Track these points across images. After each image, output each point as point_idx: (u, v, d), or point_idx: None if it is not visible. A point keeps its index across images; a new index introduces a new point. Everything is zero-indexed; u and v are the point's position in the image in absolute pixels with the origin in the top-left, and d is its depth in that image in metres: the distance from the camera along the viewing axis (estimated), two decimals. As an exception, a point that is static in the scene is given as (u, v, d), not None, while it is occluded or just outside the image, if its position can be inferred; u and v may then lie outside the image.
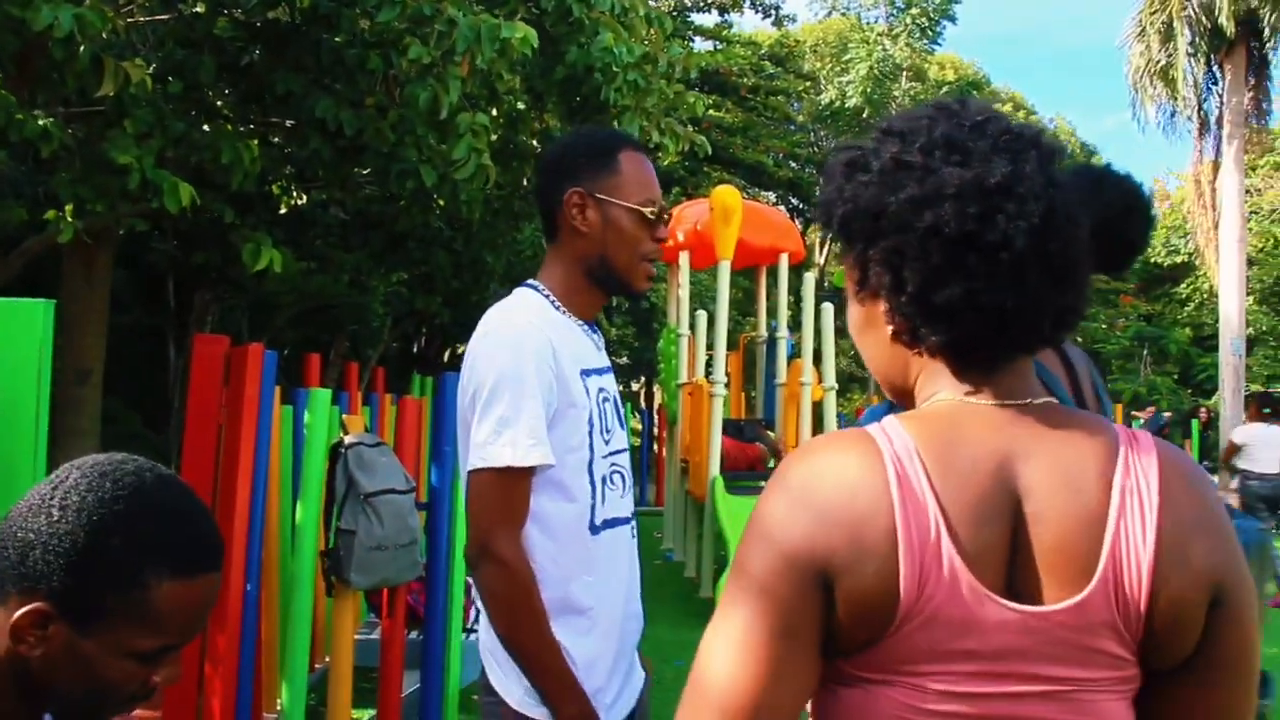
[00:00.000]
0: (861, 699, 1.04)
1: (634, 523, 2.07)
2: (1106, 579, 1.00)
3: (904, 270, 1.07)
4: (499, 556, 1.80)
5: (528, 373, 1.83)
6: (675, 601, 8.19)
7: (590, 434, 1.93)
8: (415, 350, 16.67)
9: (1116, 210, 2.25)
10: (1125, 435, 1.07)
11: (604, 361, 2.08)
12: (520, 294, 2.01)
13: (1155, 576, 1.00)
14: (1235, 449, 9.61)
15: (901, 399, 1.19)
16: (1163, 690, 1.04)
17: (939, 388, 1.12)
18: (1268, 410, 9.50)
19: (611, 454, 2.01)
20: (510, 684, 1.88)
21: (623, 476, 2.05)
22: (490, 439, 1.81)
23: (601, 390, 2.01)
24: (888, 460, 1.03)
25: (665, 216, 2.03)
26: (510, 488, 1.82)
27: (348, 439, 3.72)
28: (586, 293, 2.03)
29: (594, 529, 1.94)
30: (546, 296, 2.00)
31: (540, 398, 1.83)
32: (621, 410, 2.10)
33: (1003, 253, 1.03)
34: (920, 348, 1.12)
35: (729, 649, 1.03)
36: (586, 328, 2.05)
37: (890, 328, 1.12)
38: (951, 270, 1.05)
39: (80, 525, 1.17)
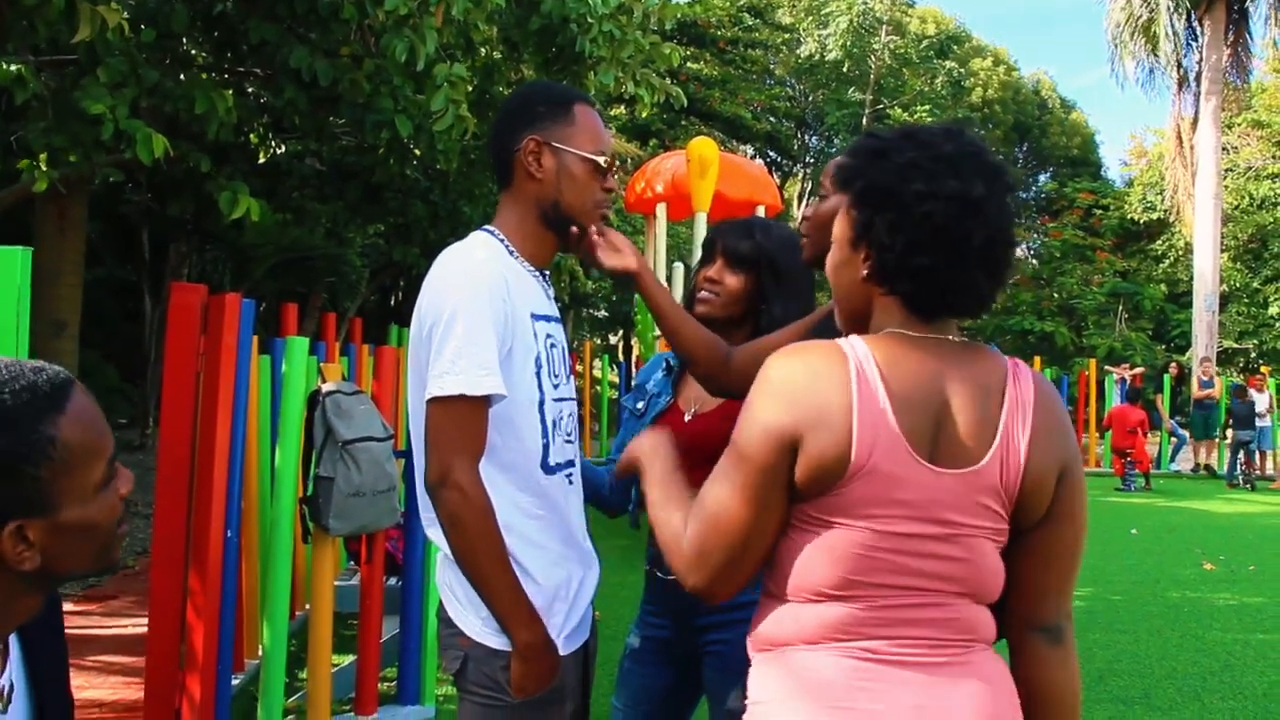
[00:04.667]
0: (820, 537, 1.47)
1: (576, 469, 2.14)
2: (996, 457, 1.47)
3: (898, 236, 1.50)
4: (458, 483, 1.85)
5: (483, 305, 1.88)
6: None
7: (539, 375, 2.00)
8: (393, 303, 16.63)
9: None
10: (1011, 363, 1.56)
11: (554, 310, 2.14)
12: (476, 237, 2.07)
13: (1028, 459, 1.48)
14: None
15: (852, 322, 1.63)
16: (1027, 539, 1.53)
17: (888, 323, 1.56)
18: None
19: (561, 399, 2.07)
20: (467, 615, 1.95)
21: (572, 423, 2.13)
22: (448, 369, 1.86)
23: (550, 337, 2.07)
24: (850, 360, 1.47)
25: (615, 168, 2.12)
26: (468, 417, 1.87)
27: (325, 387, 3.73)
28: (540, 238, 2.09)
29: (548, 469, 2.01)
30: (502, 242, 2.06)
31: (494, 330, 1.89)
32: (569, 361, 2.15)
33: (964, 245, 1.48)
34: (886, 291, 1.55)
35: (726, 493, 1.48)
36: (539, 275, 2.11)
37: (865, 271, 1.55)
38: (928, 246, 1.48)
39: None
